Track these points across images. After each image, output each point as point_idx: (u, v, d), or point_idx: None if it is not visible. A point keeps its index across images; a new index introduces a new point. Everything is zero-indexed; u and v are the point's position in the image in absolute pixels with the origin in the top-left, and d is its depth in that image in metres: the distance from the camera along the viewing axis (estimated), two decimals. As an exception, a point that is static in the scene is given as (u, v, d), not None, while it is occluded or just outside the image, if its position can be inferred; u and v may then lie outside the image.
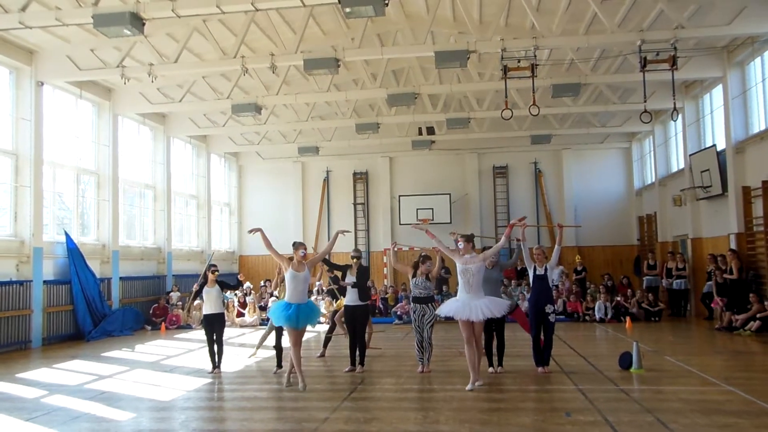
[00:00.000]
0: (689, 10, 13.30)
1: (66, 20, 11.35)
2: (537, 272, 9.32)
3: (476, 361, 8.35)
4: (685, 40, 13.28)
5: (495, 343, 9.57)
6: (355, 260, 10.21)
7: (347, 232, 9.76)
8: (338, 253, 24.22)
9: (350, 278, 10.07)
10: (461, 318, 8.22)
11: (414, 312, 9.64)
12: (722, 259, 14.66)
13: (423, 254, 9.90)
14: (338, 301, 12.11)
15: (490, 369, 9.33)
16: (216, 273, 10.20)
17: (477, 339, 8.42)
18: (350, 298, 10.06)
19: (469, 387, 8.14)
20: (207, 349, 10.07)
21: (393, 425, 6.57)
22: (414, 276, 9.64)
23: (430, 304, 9.54)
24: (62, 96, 15.81)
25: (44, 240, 14.40)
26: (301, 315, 8.42)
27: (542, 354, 9.36)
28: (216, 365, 9.95)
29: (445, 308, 8.48)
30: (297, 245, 8.71)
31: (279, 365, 9.96)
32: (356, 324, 10.05)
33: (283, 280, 10.03)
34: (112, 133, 17.16)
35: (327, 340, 11.70)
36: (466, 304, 8.18)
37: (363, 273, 10.13)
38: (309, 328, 9.13)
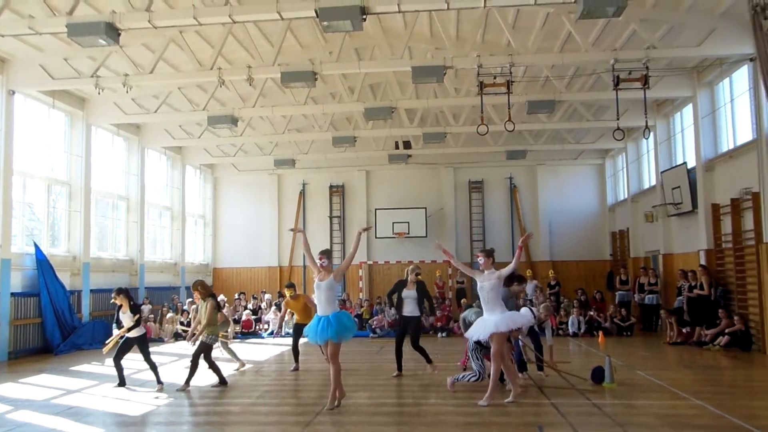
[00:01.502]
0: (661, 31, 13.61)
1: (39, 29, 11.19)
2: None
3: (507, 375, 8.46)
4: (657, 60, 13.59)
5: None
6: (419, 276, 10.78)
7: (368, 229, 10.85)
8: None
9: (409, 292, 10.57)
10: (476, 339, 8.47)
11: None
12: (692, 274, 14.91)
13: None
14: (296, 316, 12.03)
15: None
16: (116, 298, 9.79)
17: (494, 355, 8.11)
18: (408, 309, 10.57)
19: (483, 402, 8.06)
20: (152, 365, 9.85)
21: (366, 440, 6.54)
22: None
23: None
24: (34, 105, 15.56)
25: (12, 251, 14.10)
26: (320, 329, 7.71)
27: (524, 362, 9.77)
28: (159, 381, 9.68)
29: (469, 330, 8.55)
30: (320, 254, 8.07)
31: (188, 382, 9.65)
32: (408, 332, 10.55)
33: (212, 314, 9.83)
34: (85, 143, 16.93)
35: (296, 352, 11.58)
36: (481, 322, 8.30)
37: (421, 287, 10.67)
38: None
